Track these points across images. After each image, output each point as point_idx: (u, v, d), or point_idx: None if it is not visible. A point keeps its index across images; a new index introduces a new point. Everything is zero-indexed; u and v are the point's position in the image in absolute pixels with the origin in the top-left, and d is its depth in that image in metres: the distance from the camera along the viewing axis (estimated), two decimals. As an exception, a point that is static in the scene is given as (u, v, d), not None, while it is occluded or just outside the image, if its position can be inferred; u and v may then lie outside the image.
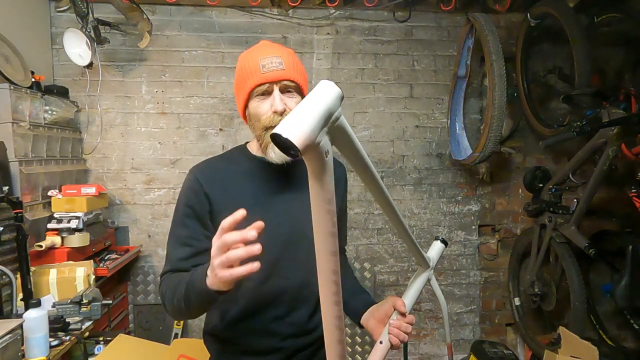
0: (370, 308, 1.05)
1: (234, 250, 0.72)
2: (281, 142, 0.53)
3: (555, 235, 2.27)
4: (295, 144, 0.53)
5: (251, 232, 0.70)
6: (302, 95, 1.03)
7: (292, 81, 0.98)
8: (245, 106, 1.02)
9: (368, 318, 1.05)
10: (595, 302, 2.63)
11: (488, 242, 2.87)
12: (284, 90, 0.98)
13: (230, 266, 0.74)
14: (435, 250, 1.07)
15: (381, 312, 1.00)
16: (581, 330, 2.11)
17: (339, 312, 0.77)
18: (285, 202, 1.02)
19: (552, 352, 2.15)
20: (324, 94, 0.58)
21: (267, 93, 0.98)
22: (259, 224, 0.72)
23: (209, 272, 0.79)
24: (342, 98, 0.60)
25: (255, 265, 0.72)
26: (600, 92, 2.08)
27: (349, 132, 0.65)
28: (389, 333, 0.94)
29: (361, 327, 1.08)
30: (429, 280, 1.04)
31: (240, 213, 0.73)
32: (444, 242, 1.08)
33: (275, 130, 0.53)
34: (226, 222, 0.73)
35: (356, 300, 1.12)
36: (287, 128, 0.54)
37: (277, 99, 0.96)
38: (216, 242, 0.74)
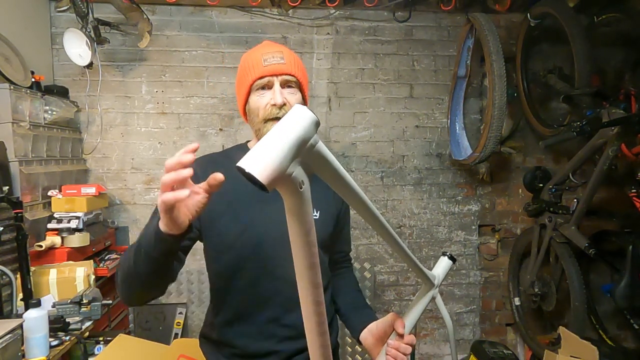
0: (369, 325, 1.02)
1: (170, 174, 0.69)
2: (247, 176, 0.50)
3: (555, 235, 2.27)
4: (259, 179, 0.49)
5: (187, 155, 0.69)
6: (303, 93, 1.04)
7: (293, 76, 0.99)
8: (246, 102, 1.03)
9: (367, 336, 1.02)
10: (595, 302, 2.63)
11: (488, 242, 2.87)
12: (284, 86, 0.99)
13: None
14: (441, 267, 1.00)
15: (380, 331, 0.98)
16: (581, 330, 2.11)
17: (325, 342, 0.76)
18: (280, 201, 1.02)
19: (552, 352, 2.15)
20: (295, 122, 0.53)
21: (268, 87, 0.99)
22: (193, 145, 0.72)
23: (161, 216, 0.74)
24: (317, 124, 0.55)
25: (184, 192, 0.69)
26: (600, 92, 2.08)
27: (329, 158, 0.59)
28: (387, 354, 0.91)
29: (360, 343, 1.05)
30: (433, 298, 0.98)
31: (192, 146, 0.72)
32: (452, 258, 1.01)
33: (238, 164, 0.50)
34: (169, 161, 0.70)
35: (356, 316, 1.09)
36: (251, 162, 0.50)
37: (277, 92, 0.97)
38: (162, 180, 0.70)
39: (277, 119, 0.96)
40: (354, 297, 1.16)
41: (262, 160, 0.50)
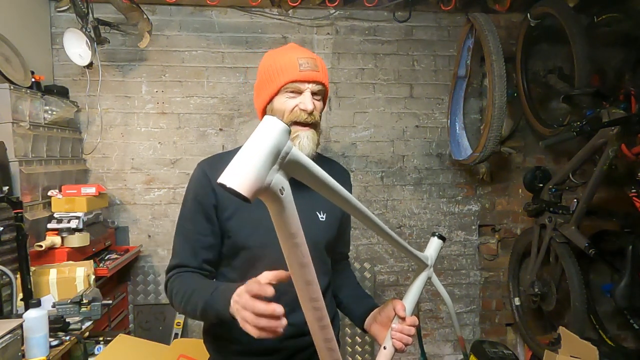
0: (372, 312, 1.05)
1: (263, 319, 0.75)
2: (230, 191, 0.53)
3: (555, 235, 2.27)
4: (241, 192, 0.52)
5: (283, 321, 0.75)
6: (324, 102, 1.08)
7: (323, 84, 1.03)
8: (269, 102, 1.04)
9: (371, 323, 1.05)
10: (595, 302, 2.63)
11: (488, 242, 2.87)
12: (313, 94, 1.02)
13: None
14: (432, 247, 1.04)
15: (383, 317, 1.00)
16: (581, 330, 2.11)
17: (328, 335, 0.78)
18: None
19: (552, 352, 2.15)
20: (267, 133, 0.56)
21: (297, 92, 1.01)
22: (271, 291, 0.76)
23: (234, 304, 0.81)
24: (289, 132, 0.58)
25: (273, 335, 0.75)
26: (600, 92, 2.08)
27: (305, 162, 0.62)
28: (392, 338, 0.94)
29: (365, 332, 1.08)
30: (429, 279, 1.02)
31: (271, 291, 0.76)
32: (442, 237, 1.05)
33: (219, 180, 0.53)
34: (264, 277, 0.77)
35: (358, 306, 1.12)
36: (231, 177, 0.53)
37: (308, 98, 0.99)
38: (249, 299, 0.75)
39: (305, 123, 1.00)
40: (354, 290, 1.19)
41: (240, 174, 0.53)
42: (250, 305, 0.74)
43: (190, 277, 0.99)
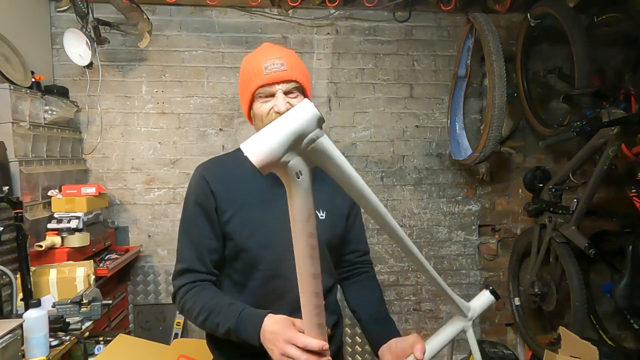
0: (389, 342, 1.00)
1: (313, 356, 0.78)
2: (247, 156, 0.56)
3: (555, 235, 2.27)
4: (252, 161, 0.55)
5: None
6: (306, 95, 1.04)
7: (295, 81, 1.00)
8: (250, 108, 1.04)
9: (384, 352, 1.01)
10: (595, 302, 2.63)
11: (488, 242, 2.87)
12: (287, 92, 0.99)
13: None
14: (481, 300, 0.95)
15: (399, 349, 0.96)
16: (581, 330, 2.11)
17: (322, 334, 0.78)
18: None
19: (552, 352, 2.15)
20: (297, 115, 0.58)
21: (271, 95, 0.99)
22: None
23: (268, 336, 0.86)
24: (320, 119, 0.58)
25: None
26: (600, 92, 2.08)
27: (332, 154, 0.61)
28: None
29: (377, 356, 1.05)
30: (464, 331, 0.93)
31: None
32: (495, 294, 0.95)
33: (241, 145, 0.56)
34: (316, 345, 0.79)
35: (377, 329, 1.08)
36: (250, 146, 0.56)
37: (280, 100, 0.97)
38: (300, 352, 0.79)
39: None
40: (377, 309, 1.13)
41: (258, 146, 0.56)
42: (302, 341, 0.78)
43: (205, 292, 0.99)
